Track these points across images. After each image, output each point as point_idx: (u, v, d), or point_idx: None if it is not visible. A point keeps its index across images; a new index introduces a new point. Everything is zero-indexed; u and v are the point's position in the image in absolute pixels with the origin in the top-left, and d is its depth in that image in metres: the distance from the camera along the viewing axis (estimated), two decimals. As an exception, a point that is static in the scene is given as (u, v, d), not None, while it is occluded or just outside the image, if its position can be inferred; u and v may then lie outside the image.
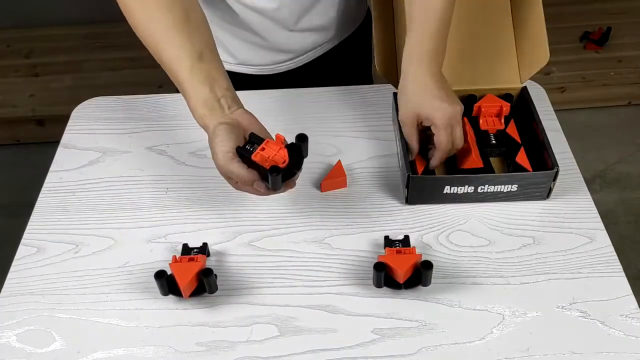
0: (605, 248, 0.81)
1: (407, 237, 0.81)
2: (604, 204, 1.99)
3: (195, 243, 0.82)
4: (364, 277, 0.79)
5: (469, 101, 0.94)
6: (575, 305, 0.75)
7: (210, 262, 0.81)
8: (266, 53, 1.06)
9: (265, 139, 0.73)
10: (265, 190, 0.75)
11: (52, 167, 0.95)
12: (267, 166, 0.72)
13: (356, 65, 1.18)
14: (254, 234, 0.84)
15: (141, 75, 2.26)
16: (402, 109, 0.85)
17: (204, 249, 0.81)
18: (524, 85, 0.95)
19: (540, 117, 0.90)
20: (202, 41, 0.79)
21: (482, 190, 0.85)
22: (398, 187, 0.89)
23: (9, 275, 0.81)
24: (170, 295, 0.76)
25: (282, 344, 0.73)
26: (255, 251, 0.82)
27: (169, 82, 0.81)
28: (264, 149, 0.72)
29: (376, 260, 0.75)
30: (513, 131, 0.92)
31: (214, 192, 0.90)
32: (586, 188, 0.89)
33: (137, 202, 0.89)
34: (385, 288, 0.76)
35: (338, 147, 0.95)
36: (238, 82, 0.80)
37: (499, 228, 0.84)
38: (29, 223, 0.87)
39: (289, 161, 0.73)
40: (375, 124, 0.99)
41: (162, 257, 0.82)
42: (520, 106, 0.95)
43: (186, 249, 0.81)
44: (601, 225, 0.84)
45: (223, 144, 0.73)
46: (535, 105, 0.92)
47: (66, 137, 1.00)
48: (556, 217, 0.85)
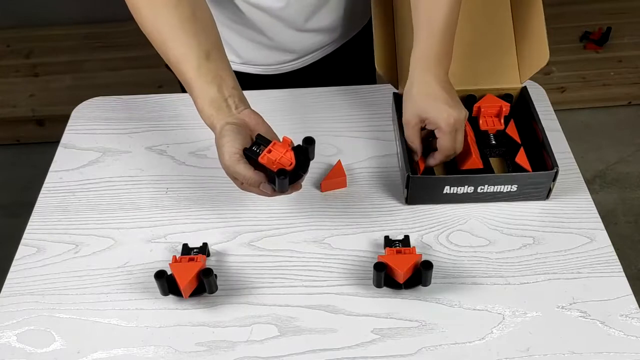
0: (605, 248, 0.81)
1: (407, 237, 0.81)
2: (604, 204, 1.99)
3: (195, 243, 0.82)
4: (364, 277, 0.79)
5: (468, 101, 0.94)
6: (575, 305, 0.75)
7: (210, 262, 0.81)
8: (271, 53, 1.06)
9: (272, 141, 0.73)
10: (271, 192, 0.75)
11: (52, 167, 0.95)
12: (274, 168, 0.72)
13: (360, 66, 1.18)
14: (254, 234, 0.84)
15: (141, 75, 2.26)
16: (407, 111, 0.85)
17: (204, 249, 0.81)
18: (523, 85, 0.95)
19: (540, 117, 0.90)
20: (209, 40, 0.79)
21: (482, 191, 0.85)
22: (398, 187, 0.89)
23: (9, 275, 0.81)
24: (170, 295, 0.76)
25: (282, 344, 0.73)
26: (255, 251, 0.82)
27: (169, 82, 0.81)
28: (270, 151, 0.72)
29: (376, 260, 0.75)
30: (513, 131, 0.92)
31: (214, 192, 0.90)
32: (586, 188, 0.89)
33: (137, 202, 0.89)
34: (385, 288, 0.76)
35: (338, 147, 0.95)
36: (241, 81, 0.80)
37: (498, 228, 0.84)
38: (29, 223, 0.87)
39: (295, 163, 0.73)
40: (375, 124, 0.99)
41: (162, 257, 0.82)
42: (520, 106, 0.95)
43: (186, 249, 0.81)
44: (601, 225, 0.84)
45: (230, 145, 0.73)
46: (535, 105, 0.92)
47: (66, 137, 1.00)
48: (556, 217, 0.85)
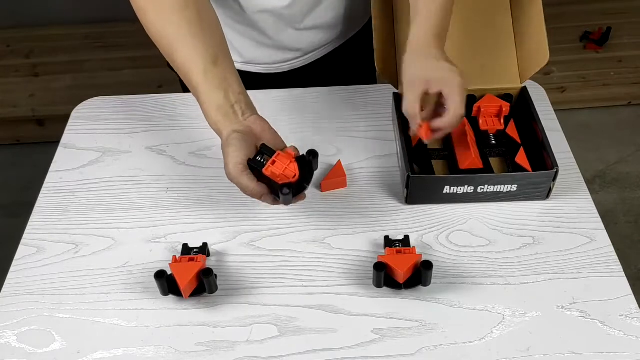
0: (605, 248, 0.81)
1: (407, 237, 0.81)
2: (604, 204, 1.99)
3: (195, 243, 0.82)
4: (364, 277, 0.79)
5: (468, 101, 0.94)
6: (575, 305, 0.75)
7: (210, 262, 0.81)
8: (272, 52, 1.06)
9: (276, 151, 0.74)
10: (272, 202, 0.76)
11: (52, 167, 0.95)
12: (278, 180, 0.73)
13: (361, 65, 1.17)
14: (254, 234, 0.84)
15: (141, 75, 2.26)
16: (409, 73, 0.80)
17: (204, 249, 0.81)
18: (523, 85, 0.95)
19: (540, 117, 0.90)
20: (215, 43, 0.79)
21: (482, 190, 0.85)
22: (398, 187, 0.89)
23: (9, 275, 0.81)
24: (170, 295, 0.76)
25: (282, 344, 0.73)
26: (255, 251, 0.82)
27: (169, 82, 0.81)
28: (274, 162, 0.73)
29: (376, 260, 0.75)
30: (513, 131, 0.92)
31: (214, 192, 0.90)
32: (586, 188, 0.89)
33: (137, 202, 0.89)
34: (385, 288, 0.76)
35: (338, 147, 0.95)
36: (243, 80, 0.80)
37: (499, 228, 0.84)
38: (29, 223, 0.87)
39: (299, 176, 0.73)
40: (375, 124, 0.99)
41: (162, 257, 0.82)
42: (520, 106, 0.95)
43: (186, 249, 0.81)
44: (601, 225, 0.84)
45: (235, 155, 0.73)
46: (535, 105, 0.92)
47: (66, 137, 1.00)
48: (556, 217, 0.85)
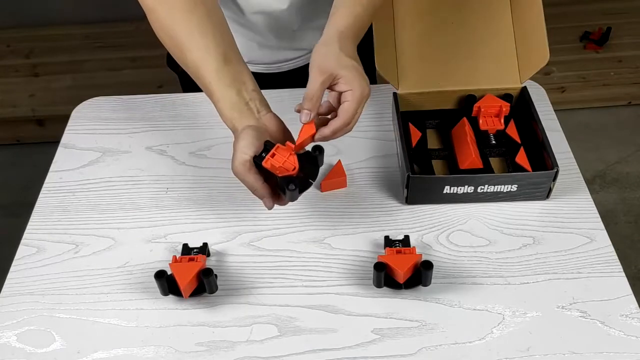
0: (605, 248, 0.81)
1: (407, 237, 0.81)
2: (604, 204, 1.99)
3: (195, 243, 0.82)
4: (364, 277, 0.79)
5: (468, 101, 0.94)
6: (575, 305, 0.75)
7: (210, 262, 0.81)
8: (272, 52, 1.06)
9: (275, 144, 0.73)
10: (270, 206, 0.76)
11: (52, 167, 0.95)
12: (277, 173, 0.72)
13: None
14: (254, 234, 0.84)
15: (141, 75, 2.27)
16: (322, 62, 0.75)
17: (204, 249, 0.81)
18: (523, 85, 0.95)
19: (540, 117, 0.90)
20: (225, 42, 0.79)
21: (482, 190, 0.85)
22: (398, 187, 0.89)
23: (9, 275, 0.81)
24: (170, 295, 0.76)
25: (282, 344, 0.73)
26: (255, 251, 0.82)
27: (169, 82, 0.81)
28: (274, 155, 0.72)
29: (376, 260, 0.75)
30: (513, 131, 0.92)
31: (214, 192, 0.90)
32: (586, 188, 0.89)
33: (137, 202, 0.89)
34: (385, 288, 0.76)
35: (338, 147, 0.95)
36: None
37: (499, 228, 0.84)
38: (29, 223, 0.87)
39: (305, 171, 0.73)
40: (375, 124, 0.99)
41: (162, 257, 0.82)
42: (520, 106, 0.95)
43: (186, 249, 0.81)
44: (601, 225, 0.84)
45: (243, 151, 0.72)
46: (535, 105, 0.92)
47: (66, 137, 1.00)
48: (556, 217, 0.85)
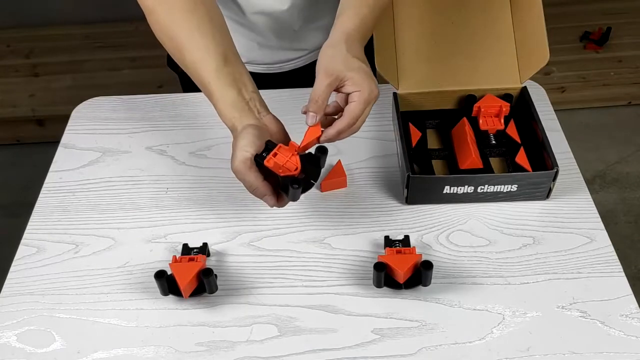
0: (605, 248, 0.81)
1: (407, 237, 0.81)
2: (604, 204, 1.99)
3: (195, 243, 0.82)
4: (364, 277, 0.79)
5: (468, 101, 0.94)
6: (575, 305, 0.75)
7: (210, 262, 0.81)
8: (273, 52, 1.06)
9: (277, 144, 0.73)
10: (272, 204, 0.75)
11: (52, 167, 0.95)
12: (279, 172, 0.72)
13: None
14: (254, 234, 0.84)
15: (141, 75, 2.27)
16: (329, 64, 0.75)
17: (204, 249, 0.81)
18: (523, 85, 0.95)
19: (540, 117, 0.90)
20: (225, 43, 0.79)
21: (482, 190, 0.85)
22: (398, 187, 0.89)
23: (9, 275, 0.81)
24: (170, 295, 0.76)
25: (282, 344, 0.73)
26: (255, 251, 0.82)
27: (169, 82, 0.81)
28: (276, 155, 0.72)
29: (376, 260, 0.75)
30: (513, 131, 0.92)
31: (214, 192, 0.90)
32: (586, 188, 0.89)
33: (137, 202, 0.89)
34: (385, 288, 0.76)
35: (338, 147, 0.95)
36: None
37: (499, 228, 0.84)
38: (29, 223, 0.87)
39: (307, 172, 0.73)
40: (375, 124, 0.99)
41: (162, 257, 0.82)
42: (520, 106, 0.95)
43: (186, 249, 0.81)
44: (601, 225, 0.84)
45: (244, 149, 0.72)
46: (535, 105, 0.92)
47: (66, 137, 1.00)
48: (556, 217, 0.85)
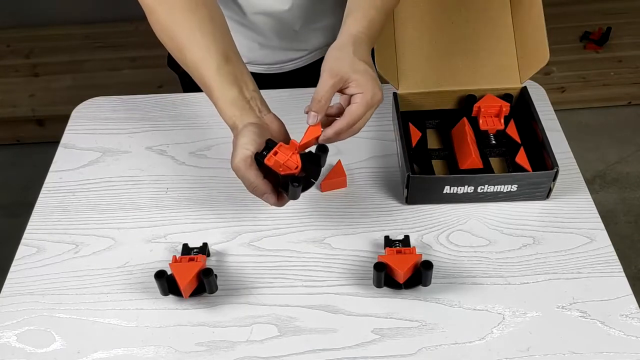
0: (605, 248, 0.81)
1: (407, 237, 0.81)
2: (604, 204, 1.99)
3: (195, 243, 0.82)
4: (364, 277, 0.79)
5: (468, 101, 0.94)
6: (575, 305, 0.75)
7: (210, 262, 0.81)
8: (274, 52, 1.06)
9: (278, 143, 0.73)
10: (273, 203, 0.75)
11: (52, 167, 0.95)
12: (280, 171, 0.72)
13: None
14: (254, 234, 0.84)
15: (141, 75, 2.27)
16: (335, 65, 0.75)
17: (204, 249, 0.81)
18: (523, 85, 0.95)
19: (540, 117, 0.90)
20: (226, 42, 0.79)
21: (482, 190, 0.85)
22: (398, 187, 0.89)
23: (9, 275, 0.81)
24: (170, 295, 0.76)
25: (282, 344, 0.73)
26: (255, 251, 0.82)
27: (169, 82, 0.81)
28: (276, 153, 0.72)
29: (376, 260, 0.75)
30: (513, 131, 0.92)
31: (214, 192, 0.90)
32: (586, 188, 0.89)
33: (137, 202, 0.89)
34: (385, 288, 0.76)
35: (338, 147, 0.95)
36: None
37: (499, 228, 0.84)
38: (29, 223, 0.87)
39: (308, 171, 0.73)
40: (375, 124, 0.99)
41: (162, 257, 0.82)
42: (520, 106, 0.95)
43: (186, 249, 0.81)
44: (601, 225, 0.84)
45: (245, 147, 0.72)
46: (535, 105, 0.92)
47: (66, 137, 1.00)
48: (556, 217, 0.85)
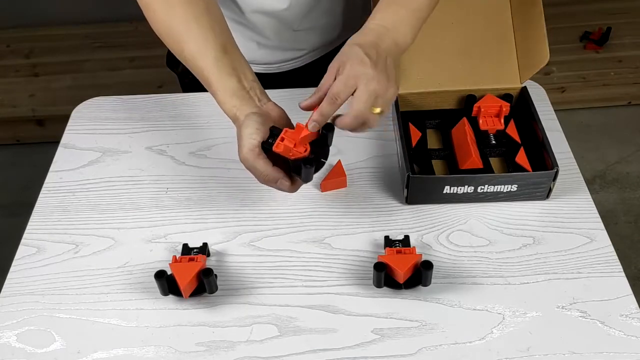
0: (605, 248, 0.81)
1: (407, 237, 0.81)
2: (604, 204, 1.99)
3: (195, 243, 0.82)
4: (364, 277, 0.79)
5: (468, 101, 0.94)
6: (575, 305, 0.75)
7: (210, 262, 0.81)
8: (272, 52, 1.06)
9: (283, 129, 0.73)
10: (288, 187, 0.75)
11: (52, 167, 0.95)
12: (290, 156, 0.72)
13: None
14: (254, 234, 0.84)
15: (141, 75, 2.27)
16: (339, 54, 0.74)
17: (204, 249, 0.81)
18: (523, 85, 0.95)
19: (540, 117, 0.90)
20: (223, 34, 0.80)
21: (482, 190, 0.85)
22: (398, 187, 0.89)
23: (9, 275, 0.81)
24: (170, 295, 0.76)
25: (282, 344, 0.73)
26: (255, 251, 0.82)
27: (169, 82, 0.81)
28: (283, 139, 0.72)
29: (376, 260, 0.75)
30: (513, 131, 0.92)
31: (214, 192, 0.90)
32: (586, 188, 0.89)
33: (137, 202, 0.89)
34: (385, 288, 0.76)
35: (338, 147, 0.95)
36: None
37: (499, 228, 0.84)
38: (29, 223, 0.87)
39: (316, 151, 0.73)
40: (375, 124, 0.99)
41: (162, 257, 0.82)
42: (520, 106, 0.95)
43: (186, 249, 0.81)
44: (601, 225, 0.84)
45: (251, 137, 0.72)
46: (535, 105, 0.92)
47: (66, 137, 1.00)
48: (556, 217, 0.85)
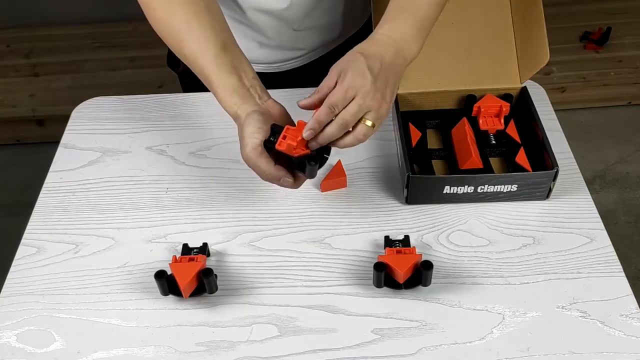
0: (605, 248, 0.81)
1: (407, 237, 0.81)
2: (604, 204, 1.99)
3: (195, 243, 0.82)
4: (364, 277, 0.79)
5: (468, 101, 0.94)
6: (575, 305, 0.75)
7: (210, 262, 0.81)
8: (273, 52, 1.06)
9: (284, 126, 0.73)
10: (291, 185, 0.75)
11: (52, 167, 0.95)
12: (293, 153, 0.72)
13: None
14: (254, 234, 0.84)
15: (141, 75, 2.27)
16: (341, 61, 0.74)
17: (204, 249, 0.81)
18: (523, 85, 0.95)
19: (540, 117, 0.90)
20: (223, 33, 0.80)
21: (482, 190, 0.85)
22: (398, 187, 0.89)
23: (9, 275, 0.81)
24: (170, 295, 0.76)
25: (282, 344, 0.73)
26: (255, 251, 0.82)
27: (169, 82, 0.81)
28: (285, 137, 0.72)
29: (376, 260, 0.75)
30: (513, 131, 0.92)
31: (214, 192, 0.90)
32: (586, 188, 0.89)
33: (137, 202, 0.89)
34: (385, 288, 0.76)
35: (338, 147, 0.95)
36: None
37: (499, 228, 0.84)
38: (29, 223, 0.87)
39: (319, 148, 0.73)
40: (375, 124, 0.99)
41: (162, 257, 0.82)
42: (520, 106, 0.95)
43: (186, 249, 0.81)
44: (601, 225, 0.84)
45: (253, 136, 0.72)
46: (535, 105, 0.92)
47: (66, 137, 1.00)
48: (556, 217, 0.85)
